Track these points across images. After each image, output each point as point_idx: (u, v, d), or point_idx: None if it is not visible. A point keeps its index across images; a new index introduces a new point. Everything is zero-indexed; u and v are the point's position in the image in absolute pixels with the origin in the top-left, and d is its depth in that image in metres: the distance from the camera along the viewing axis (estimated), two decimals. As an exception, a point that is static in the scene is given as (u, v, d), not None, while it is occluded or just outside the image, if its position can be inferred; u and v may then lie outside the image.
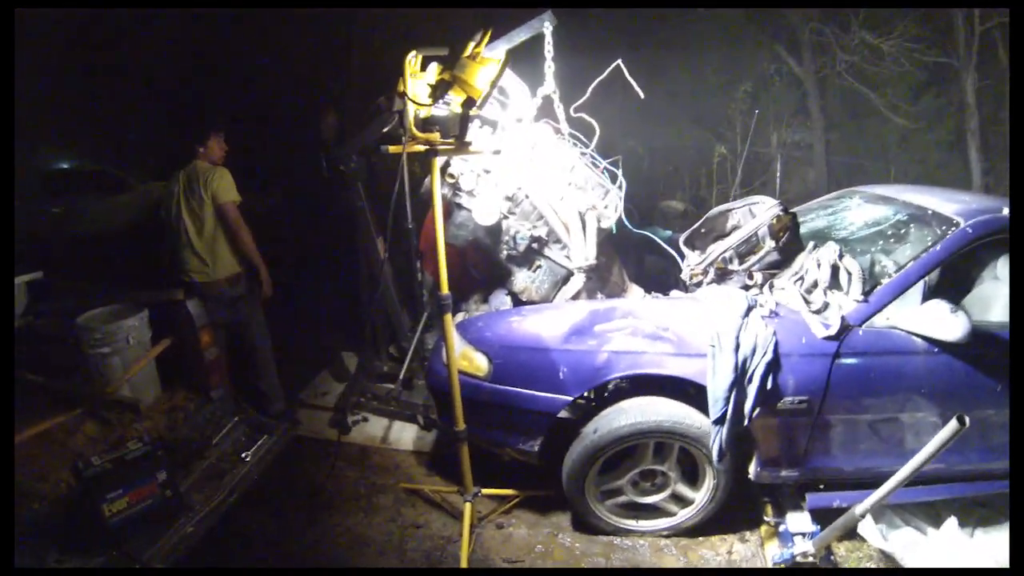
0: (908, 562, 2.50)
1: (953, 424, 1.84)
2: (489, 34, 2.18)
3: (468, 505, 2.65)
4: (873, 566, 2.65)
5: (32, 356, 3.40)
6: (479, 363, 2.55)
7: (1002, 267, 2.84)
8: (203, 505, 2.75)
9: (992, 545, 2.59)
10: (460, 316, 2.89)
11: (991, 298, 2.80)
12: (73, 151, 11.96)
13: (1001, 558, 2.49)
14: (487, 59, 2.16)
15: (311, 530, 2.79)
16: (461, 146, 2.27)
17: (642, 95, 3.07)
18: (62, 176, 9.33)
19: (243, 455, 3.05)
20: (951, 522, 2.59)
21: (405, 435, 3.55)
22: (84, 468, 2.49)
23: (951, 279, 2.95)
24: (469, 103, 2.15)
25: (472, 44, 2.15)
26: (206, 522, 2.66)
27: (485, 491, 2.79)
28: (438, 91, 2.19)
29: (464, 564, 2.50)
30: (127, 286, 3.94)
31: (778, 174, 6.84)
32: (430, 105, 2.22)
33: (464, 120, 2.20)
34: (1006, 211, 2.63)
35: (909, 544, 2.58)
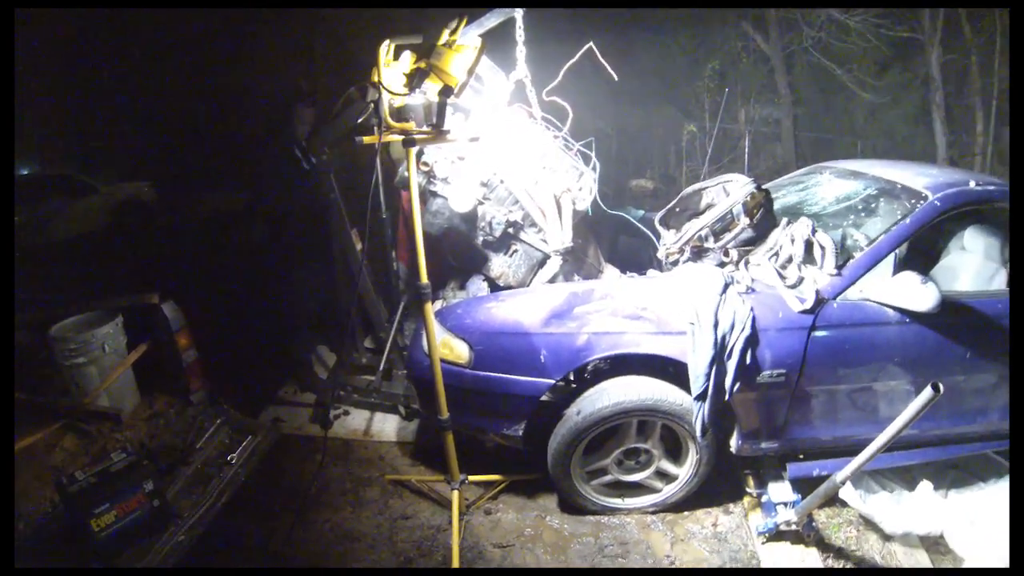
0: (886, 524, 2.58)
1: (928, 391, 1.89)
2: (464, 21, 2.17)
3: (456, 493, 2.66)
4: (853, 531, 2.73)
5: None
6: (460, 351, 2.55)
7: (968, 238, 2.92)
8: (191, 512, 2.71)
9: (965, 505, 2.69)
10: (438, 304, 2.88)
11: (958, 268, 2.88)
12: (35, 156, 11.67)
13: (974, 516, 2.58)
14: (462, 46, 2.14)
15: (300, 528, 2.78)
16: (439, 134, 2.25)
17: (616, 78, 3.08)
18: (23, 183, 9.05)
19: (228, 458, 3.02)
20: (925, 485, 2.69)
21: (387, 426, 3.54)
22: (68, 484, 2.43)
23: (920, 251, 3.02)
24: (446, 91, 2.14)
25: (447, 32, 2.13)
26: (195, 529, 2.62)
27: (472, 478, 2.80)
28: (414, 80, 2.17)
29: (455, 551, 2.51)
30: (99, 292, 3.86)
31: (746, 150, 6.93)
32: (406, 94, 2.20)
33: (441, 108, 2.19)
34: (973, 183, 2.71)
35: (886, 507, 2.66)
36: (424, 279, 2.32)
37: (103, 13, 10.22)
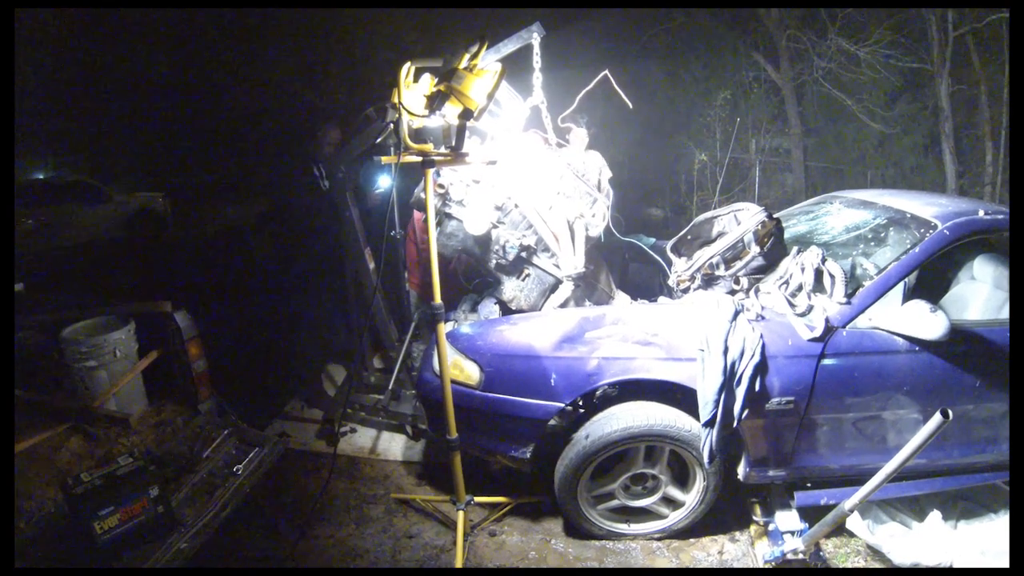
0: (894, 555, 2.56)
1: (937, 418, 1.89)
2: (485, 46, 2.21)
3: (461, 514, 2.66)
4: (861, 561, 2.71)
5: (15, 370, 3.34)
6: (470, 372, 2.57)
7: (978, 267, 2.93)
8: (195, 520, 2.70)
9: (974, 536, 2.66)
10: (449, 325, 2.90)
11: (968, 297, 2.88)
12: (50, 161, 11.82)
13: (984, 548, 2.56)
14: (483, 71, 2.18)
15: (303, 543, 2.78)
16: (457, 157, 2.28)
17: (631, 105, 3.12)
18: (37, 187, 9.16)
19: (235, 469, 3.02)
20: (934, 515, 2.67)
21: (394, 446, 3.55)
22: (73, 485, 2.43)
23: (929, 280, 3.03)
24: (466, 114, 2.17)
25: (467, 56, 2.17)
26: (198, 538, 2.61)
27: (477, 499, 2.80)
28: (434, 102, 2.20)
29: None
30: (110, 297, 3.89)
31: (757, 180, 6.95)
32: (425, 116, 2.23)
33: (460, 131, 2.22)
34: (982, 213, 2.71)
35: (895, 537, 2.64)
36: (438, 299, 2.34)
37: (124, 25, 10.39)
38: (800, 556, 2.54)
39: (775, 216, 2.97)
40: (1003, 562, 2.50)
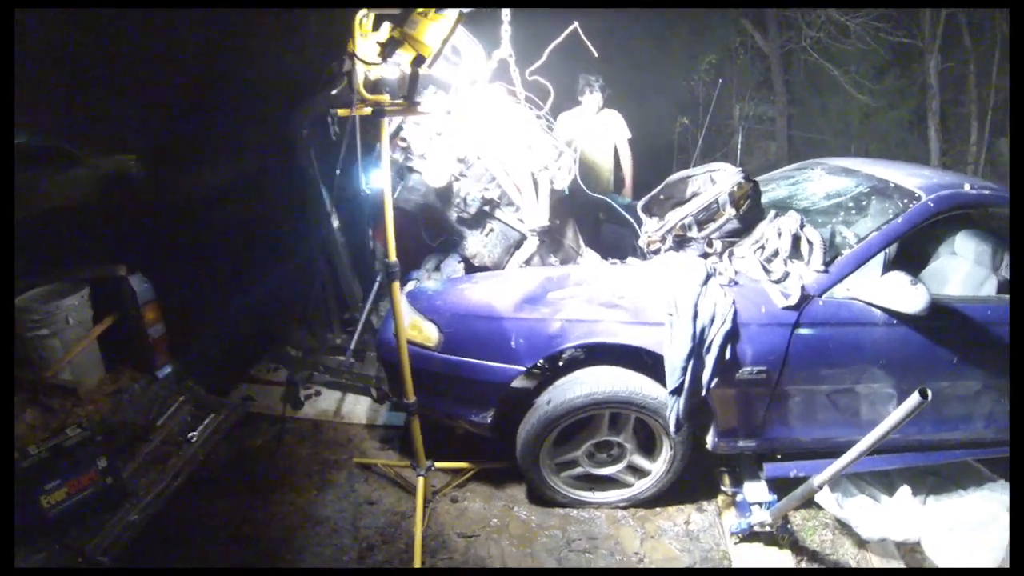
0: (863, 529, 2.53)
1: (916, 398, 1.83)
2: None
3: (421, 479, 2.60)
4: (828, 534, 2.68)
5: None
6: (428, 333, 2.47)
7: (959, 242, 2.87)
8: (147, 491, 2.62)
9: (943, 512, 2.64)
10: (411, 284, 2.79)
11: (948, 272, 2.83)
12: (24, 127, 11.44)
13: (953, 524, 2.54)
14: (438, 15, 2.05)
15: (262, 510, 2.71)
16: (409, 107, 2.16)
17: (596, 54, 2.99)
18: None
19: (189, 436, 2.93)
20: (904, 490, 2.64)
21: (358, 408, 3.47)
22: (20, 459, 2.35)
23: (909, 253, 2.96)
24: (419, 61, 2.06)
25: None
26: (151, 508, 2.54)
27: (438, 465, 2.74)
28: (387, 49, 2.09)
29: (418, 540, 2.45)
30: (69, 263, 3.74)
31: (739, 146, 6.84)
32: (379, 64, 2.11)
33: (413, 80, 2.10)
34: (967, 187, 2.66)
35: (863, 511, 2.61)
36: (392, 257, 2.24)
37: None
38: (767, 528, 2.50)
39: (753, 178, 2.87)
40: (971, 540, 2.48)
